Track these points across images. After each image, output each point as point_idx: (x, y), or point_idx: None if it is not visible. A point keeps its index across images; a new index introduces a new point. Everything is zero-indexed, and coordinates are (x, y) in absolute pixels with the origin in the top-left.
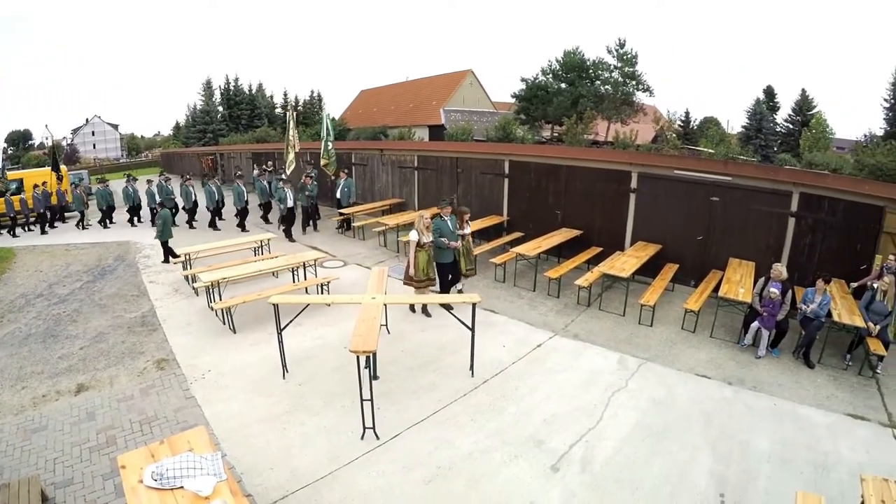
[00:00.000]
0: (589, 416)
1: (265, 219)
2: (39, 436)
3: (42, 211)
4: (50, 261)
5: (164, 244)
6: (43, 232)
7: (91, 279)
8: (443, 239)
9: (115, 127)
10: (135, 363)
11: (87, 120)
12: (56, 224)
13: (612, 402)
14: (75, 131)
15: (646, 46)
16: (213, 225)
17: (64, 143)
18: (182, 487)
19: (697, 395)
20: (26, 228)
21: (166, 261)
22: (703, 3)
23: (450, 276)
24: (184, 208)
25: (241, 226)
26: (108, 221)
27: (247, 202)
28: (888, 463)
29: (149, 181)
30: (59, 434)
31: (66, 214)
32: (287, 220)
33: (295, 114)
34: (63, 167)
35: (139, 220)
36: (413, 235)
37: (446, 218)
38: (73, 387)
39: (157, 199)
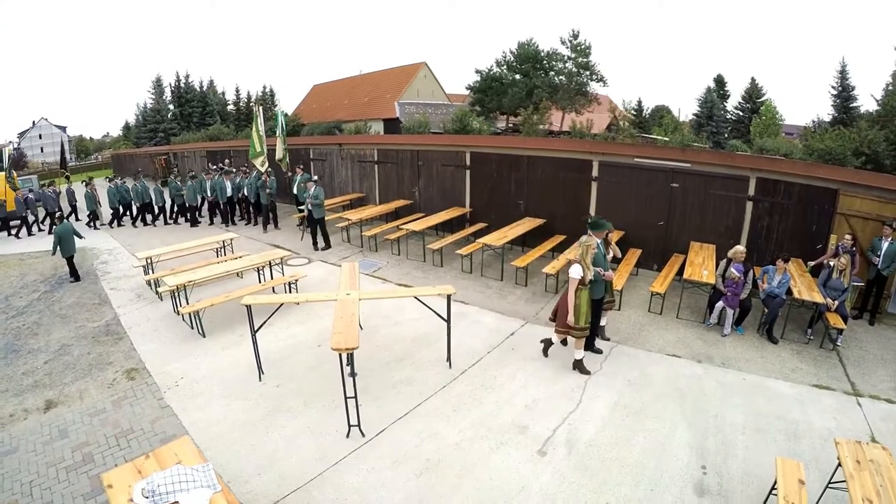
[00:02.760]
0: (568, 400)
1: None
2: (11, 458)
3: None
4: (3, 271)
5: (69, 260)
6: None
7: (49, 289)
8: (598, 269)
9: (63, 129)
10: (103, 374)
11: (33, 122)
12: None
13: (588, 385)
14: (21, 135)
15: (599, 37)
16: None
17: (10, 147)
18: (177, 503)
19: (670, 374)
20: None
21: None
22: None
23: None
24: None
25: (193, 221)
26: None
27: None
28: (855, 429)
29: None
30: (32, 455)
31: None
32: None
33: (262, 109)
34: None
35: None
36: (576, 272)
37: (598, 242)
38: (42, 403)
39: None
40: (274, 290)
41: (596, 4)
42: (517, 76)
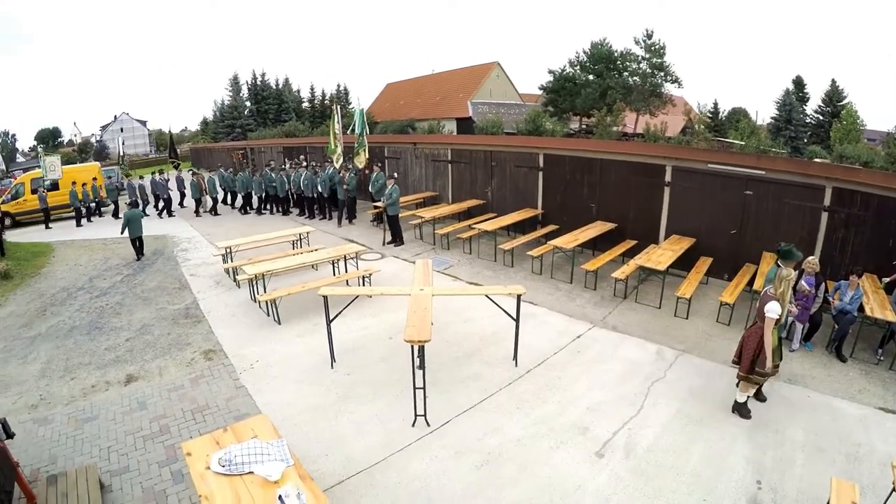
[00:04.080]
0: (630, 405)
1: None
2: (91, 425)
3: (90, 205)
4: (88, 255)
5: (136, 240)
6: (79, 224)
7: (131, 272)
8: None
9: (144, 123)
10: (182, 354)
11: (115, 117)
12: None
13: (651, 391)
14: (104, 128)
15: (673, 37)
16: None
17: (93, 139)
18: (251, 473)
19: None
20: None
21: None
22: None
23: None
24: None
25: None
26: (247, 207)
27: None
28: None
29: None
30: (112, 423)
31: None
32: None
33: (338, 107)
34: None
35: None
36: (774, 310)
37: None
38: (123, 377)
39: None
40: (348, 283)
41: (670, 2)
42: (590, 76)
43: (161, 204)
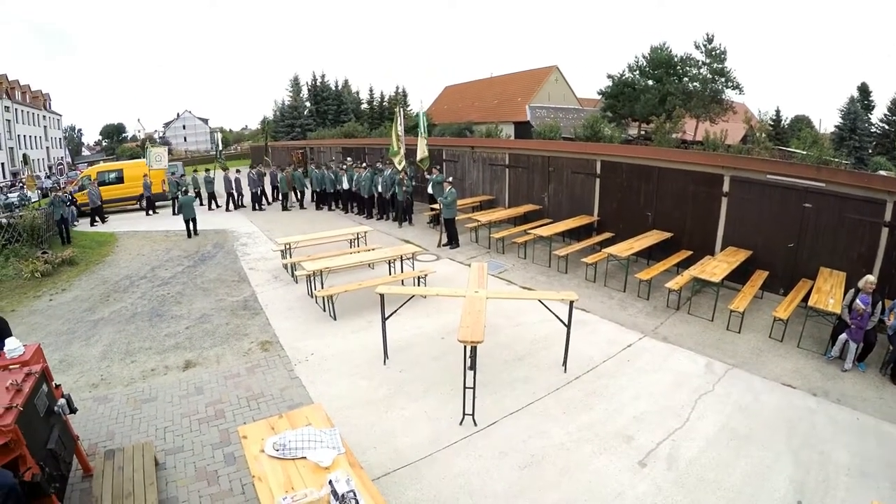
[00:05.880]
0: (676, 417)
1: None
2: (149, 406)
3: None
4: (150, 246)
5: (188, 221)
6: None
7: (192, 264)
8: None
9: (205, 121)
10: (240, 344)
11: (178, 114)
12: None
13: (698, 404)
14: (167, 125)
15: (735, 41)
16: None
17: (156, 135)
18: (304, 458)
19: (782, 404)
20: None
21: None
22: None
23: None
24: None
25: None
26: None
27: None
28: None
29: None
30: (169, 405)
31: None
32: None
33: (401, 110)
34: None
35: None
36: None
37: None
38: (181, 363)
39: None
40: (403, 283)
41: (731, 6)
42: (650, 82)
43: (234, 199)
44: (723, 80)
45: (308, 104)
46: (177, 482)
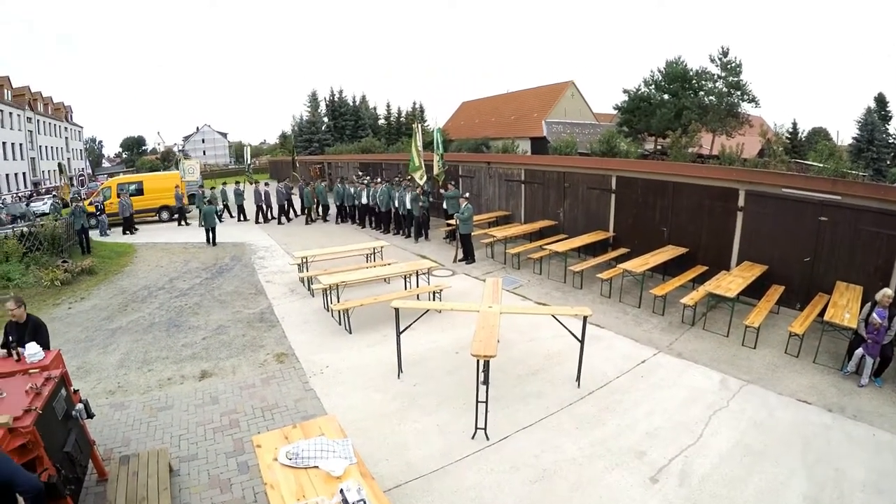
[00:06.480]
0: (689, 433)
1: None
2: (165, 414)
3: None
4: (169, 257)
5: (208, 230)
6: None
7: (210, 276)
8: None
9: (224, 135)
10: (255, 355)
11: (197, 128)
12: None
13: (712, 420)
14: (186, 138)
15: (750, 54)
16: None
17: (175, 148)
18: (316, 467)
19: (797, 420)
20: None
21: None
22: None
23: None
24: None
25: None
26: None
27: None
28: None
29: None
30: (184, 414)
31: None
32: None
33: (419, 126)
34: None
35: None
36: None
37: None
38: (198, 372)
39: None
40: (419, 298)
41: (746, 19)
42: (665, 96)
43: (268, 211)
44: (738, 93)
45: (326, 119)
46: (190, 489)
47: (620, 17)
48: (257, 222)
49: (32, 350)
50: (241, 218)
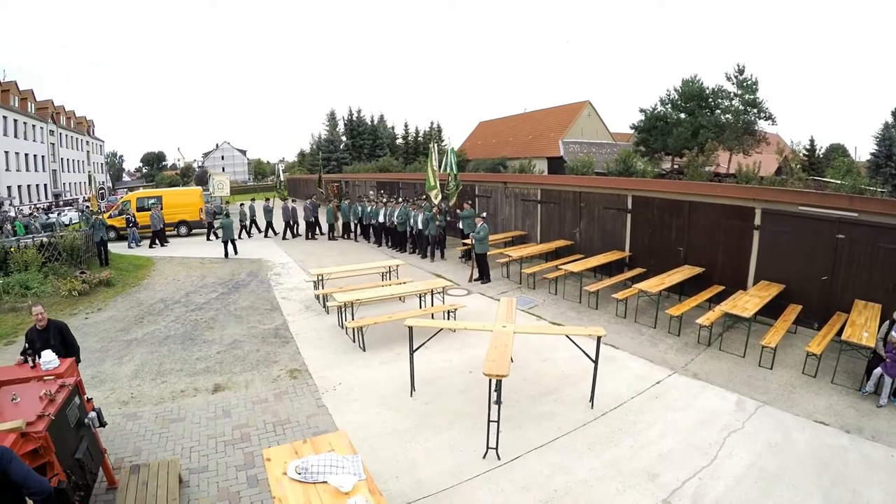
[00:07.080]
0: (704, 455)
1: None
2: (177, 426)
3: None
4: (186, 272)
5: (226, 242)
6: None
7: (226, 291)
8: None
9: (244, 152)
10: (269, 370)
11: (216, 145)
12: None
13: (727, 442)
14: (206, 154)
15: (766, 71)
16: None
17: (195, 164)
18: (325, 482)
19: (814, 442)
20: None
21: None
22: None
23: None
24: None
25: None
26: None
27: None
28: None
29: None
30: (196, 426)
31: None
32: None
33: (435, 145)
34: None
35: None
36: None
37: None
38: (211, 386)
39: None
40: (433, 317)
41: (762, 36)
42: (682, 115)
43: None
44: (755, 111)
45: (344, 138)
46: (199, 500)
47: (638, 36)
48: (284, 238)
49: (48, 358)
50: (269, 233)
